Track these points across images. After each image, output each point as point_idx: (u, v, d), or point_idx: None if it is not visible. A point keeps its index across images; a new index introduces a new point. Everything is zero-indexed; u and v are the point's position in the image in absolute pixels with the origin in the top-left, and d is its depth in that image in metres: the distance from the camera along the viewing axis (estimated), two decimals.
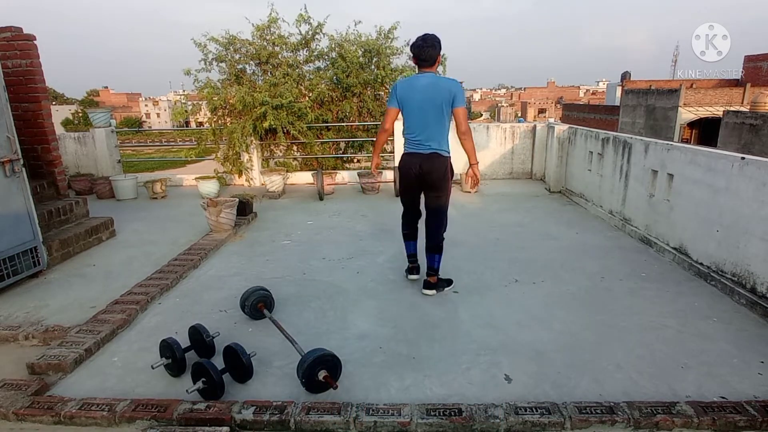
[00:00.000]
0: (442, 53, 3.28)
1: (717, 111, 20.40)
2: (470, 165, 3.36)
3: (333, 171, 7.81)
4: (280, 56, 7.69)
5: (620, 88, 28.71)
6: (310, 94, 7.79)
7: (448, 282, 3.58)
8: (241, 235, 5.09)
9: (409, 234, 3.67)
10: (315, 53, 7.92)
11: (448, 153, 3.32)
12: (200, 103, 8.11)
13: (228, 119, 7.77)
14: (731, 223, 3.46)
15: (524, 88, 79.59)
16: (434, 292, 3.46)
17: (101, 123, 7.75)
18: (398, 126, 3.77)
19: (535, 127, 7.88)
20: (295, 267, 4.12)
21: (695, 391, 2.34)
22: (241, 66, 7.72)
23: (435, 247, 3.43)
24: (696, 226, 3.86)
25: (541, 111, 57.97)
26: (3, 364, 2.69)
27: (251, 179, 7.67)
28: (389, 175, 7.25)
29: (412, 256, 3.72)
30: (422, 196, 3.50)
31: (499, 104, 70.06)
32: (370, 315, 3.21)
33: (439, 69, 3.75)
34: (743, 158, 3.38)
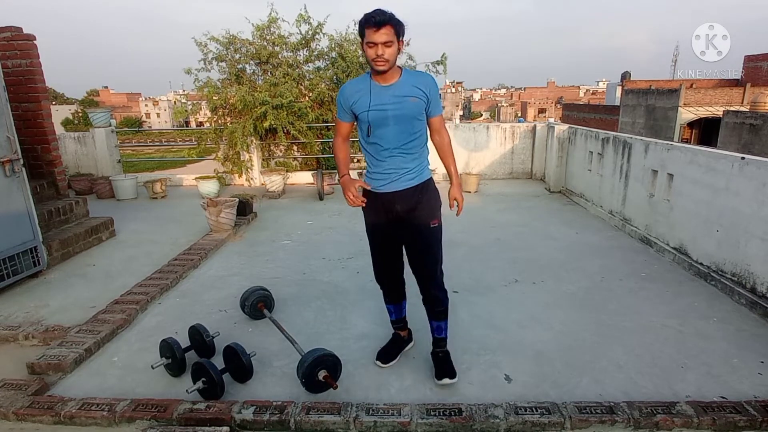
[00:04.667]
0: (443, 56, 2.86)
1: (717, 111, 20.39)
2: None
3: (333, 171, 7.80)
4: (280, 56, 7.68)
5: (620, 88, 28.70)
6: (310, 94, 7.78)
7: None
8: (241, 235, 5.09)
9: None
10: (315, 53, 7.91)
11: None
12: (200, 102, 8.11)
13: (228, 119, 7.77)
14: (731, 223, 3.46)
15: (524, 88, 79.55)
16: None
17: (101, 123, 7.75)
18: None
19: (535, 127, 7.88)
20: (295, 267, 4.12)
21: (695, 391, 2.34)
22: (241, 66, 7.72)
23: None
24: (696, 226, 3.86)
25: (541, 111, 57.97)
26: (3, 364, 2.69)
27: (251, 179, 7.67)
28: None
29: None
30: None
31: (499, 104, 70.08)
32: (370, 315, 3.20)
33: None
34: (743, 158, 3.38)
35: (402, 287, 2.63)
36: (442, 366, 2.48)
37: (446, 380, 2.42)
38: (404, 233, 2.40)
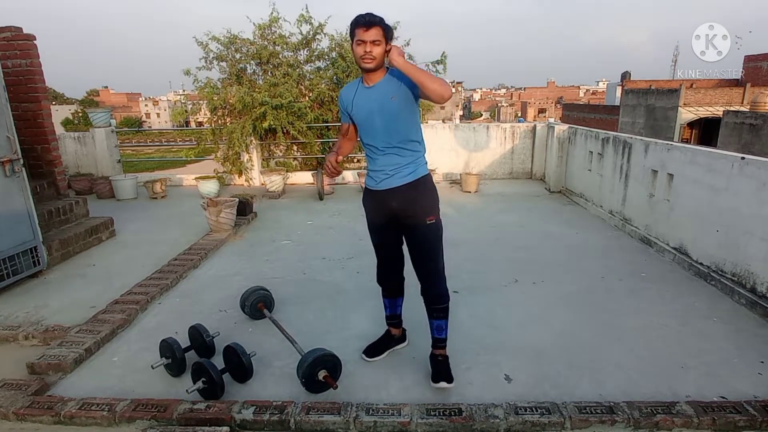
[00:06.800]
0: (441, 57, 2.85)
1: (717, 111, 20.39)
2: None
3: None
4: (280, 56, 7.69)
5: (620, 88, 28.69)
6: (310, 94, 7.79)
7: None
8: (241, 235, 5.09)
9: None
10: (315, 53, 7.92)
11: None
12: (200, 103, 8.12)
13: (228, 119, 7.78)
14: (731, 223, 3.46)
15: (524, 88, 79.60)
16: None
17: (101, 123, 7.75)
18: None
19: (535, 127, 7.88)
20: (295, 267, 4.12)
21: (695, 391, 2.34)
22: (241, 65, 7.72)
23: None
24: (696, 226, 3.86)
25: (541, 111, 57.98)
26: (3, 364, 2.69)
27: (251, 179, 7.67)
28: None
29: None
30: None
31: (499, 104, 70.05)
32: (370, 315, 3.20)
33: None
34: (743, 158, 3.38)
35: (401, 284, 2.66)
36: (439, 370, 2.41)
37: (443, 384, 2.34)
38: (402, 231, 2.45)
